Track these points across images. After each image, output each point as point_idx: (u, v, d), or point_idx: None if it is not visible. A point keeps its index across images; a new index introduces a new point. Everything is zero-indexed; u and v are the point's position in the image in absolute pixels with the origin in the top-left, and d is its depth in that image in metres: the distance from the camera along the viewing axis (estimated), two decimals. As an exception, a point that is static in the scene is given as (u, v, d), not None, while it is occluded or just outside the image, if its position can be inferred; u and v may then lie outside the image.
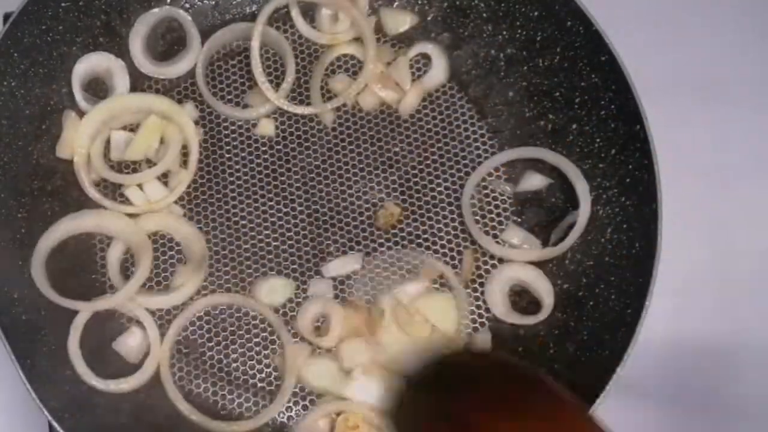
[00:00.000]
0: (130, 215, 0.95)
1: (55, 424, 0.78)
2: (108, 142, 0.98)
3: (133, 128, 0.99)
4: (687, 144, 1.06)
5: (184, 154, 0.99)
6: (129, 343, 0.91)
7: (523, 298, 0.95)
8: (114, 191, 0.97)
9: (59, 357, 0.86)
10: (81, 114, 0.97)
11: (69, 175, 0.96)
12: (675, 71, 1.13)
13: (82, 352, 0.87)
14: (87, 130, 0.96)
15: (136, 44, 1.02)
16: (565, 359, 0.89)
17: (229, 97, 1.04)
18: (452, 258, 0.97)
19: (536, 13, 0.98)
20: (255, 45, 1.01)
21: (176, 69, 1.03)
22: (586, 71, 0.94)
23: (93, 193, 0.95)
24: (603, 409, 0.79)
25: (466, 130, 1.03)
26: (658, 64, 1.10)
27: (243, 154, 1.01)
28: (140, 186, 0.96)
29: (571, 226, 0.94)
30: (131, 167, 0.99)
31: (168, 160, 0.97)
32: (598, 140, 0.94)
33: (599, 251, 0.92)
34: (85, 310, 0.89)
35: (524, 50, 1.01)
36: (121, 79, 1.00)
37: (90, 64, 0.99)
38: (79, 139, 0.96)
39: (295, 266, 0.96)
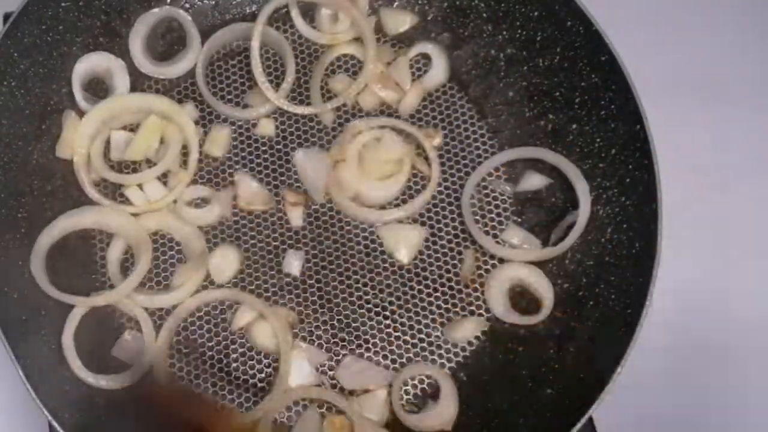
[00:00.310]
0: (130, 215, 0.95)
1: (55, 424, 0.78)
2: (108, 142, 0.98)
3: (133, 128, 0.99)
4: (687, 144, 1.06)
5: (184, 154, 0.99)
6: (127, 347, 0.90)
7: (523, 298, 0.95)
8: (114, 191, 0.97)
9: (59, 358, 0.86)
10: (81, 114, 0.97)
11: (69, 175, 0.96)
12: (675, 71, 1.13)
13: (81, 355, 0.87)
14: (87, 130, 0.96)
15: (136, 44, 1.02)
16: (566, 359, 0.89)
17: (229, 97, 1.04)
18: (452, 258, 0.97)
19: (536, 13, 0.98)
20: (255, 45, 1.01)
21: (176, 69, 1.03)
22: (586, 71, 0.94)
23: (93, 193, 0.95)
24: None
25: (466, 130, 1.03)
26: (658, 64, 1.10)
27: (243, 154, 1.01)
28: (140, 186, 0.96)
29: (571, 226, 0.94)
30: (131, 167, 0.99)
31: (168, 160, 0.97)
32: (598, 140, 0.94)
33: (599, 251, 0.92)
34: (84, 305, 0.89)
35: (524, 50, 1.01)
36: (121, 79, 1.00)
37: (90, 64, 0.99)
38: (79, 139, 0.96)
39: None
